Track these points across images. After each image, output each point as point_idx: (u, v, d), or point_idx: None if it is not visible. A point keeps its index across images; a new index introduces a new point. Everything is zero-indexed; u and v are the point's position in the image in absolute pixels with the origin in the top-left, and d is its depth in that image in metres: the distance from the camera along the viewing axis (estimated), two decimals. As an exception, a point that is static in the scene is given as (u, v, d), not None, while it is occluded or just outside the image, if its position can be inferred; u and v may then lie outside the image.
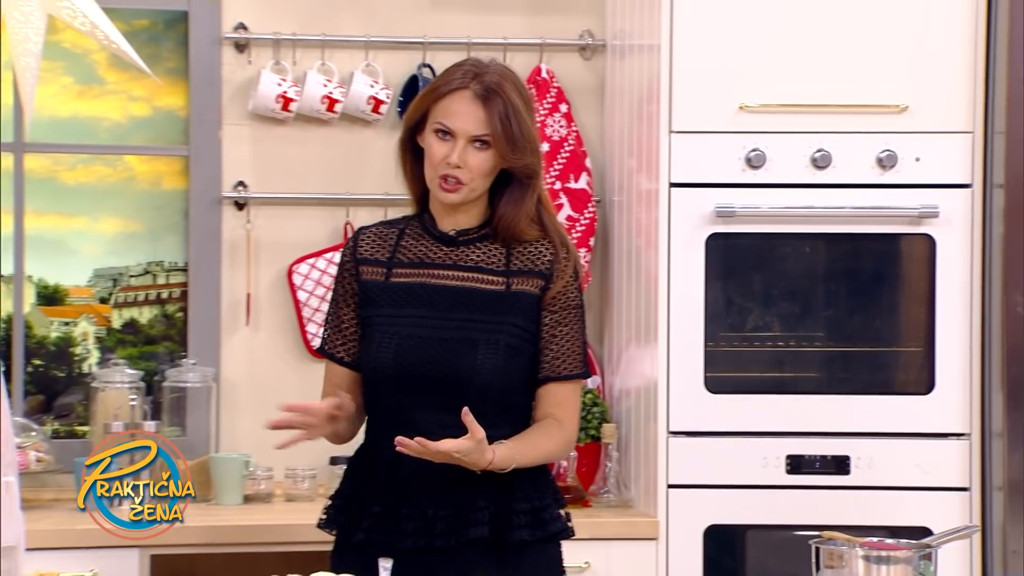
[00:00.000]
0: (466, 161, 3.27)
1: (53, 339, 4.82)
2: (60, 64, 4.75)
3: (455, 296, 3.31)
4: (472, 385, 3.25)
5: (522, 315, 3.30)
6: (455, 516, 3.26)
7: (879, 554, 2.98)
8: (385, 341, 3.30)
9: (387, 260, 3.38)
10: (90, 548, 4.07)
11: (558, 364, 3.32)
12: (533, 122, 3.32)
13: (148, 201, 4.84)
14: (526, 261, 3.32)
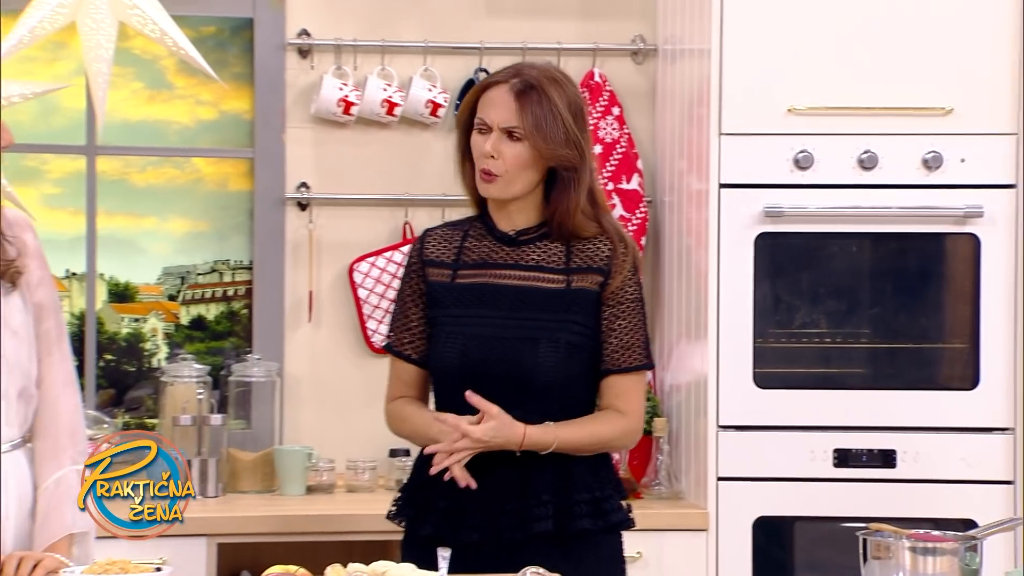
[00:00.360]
0: (500, 152, 3.26)
1: (124, 335, 4.85)
2: (131, 70, 4.77)
3: (517, 295, 3.30)
4: (534, 382, 3.25)
5: (581, 312, 3.28)
6: (520, 510, 3.25)
7: (925, 546, 2.96)
8: (451, 341, 3.31)
9: (452, 262, 3.37)
10: (159, 536, 4.08)
11: (618, 357, 3.30)
12: (577, 119, 3.28)
13: (215, 202, 4.85)
14: (585, 258, 3.30)
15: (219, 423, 4.55)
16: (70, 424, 3.21)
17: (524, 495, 3.26)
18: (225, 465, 4.55)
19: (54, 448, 3.18)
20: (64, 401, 3.21)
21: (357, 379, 4.79)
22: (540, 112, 3.24)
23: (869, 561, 2.99)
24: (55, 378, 3.21)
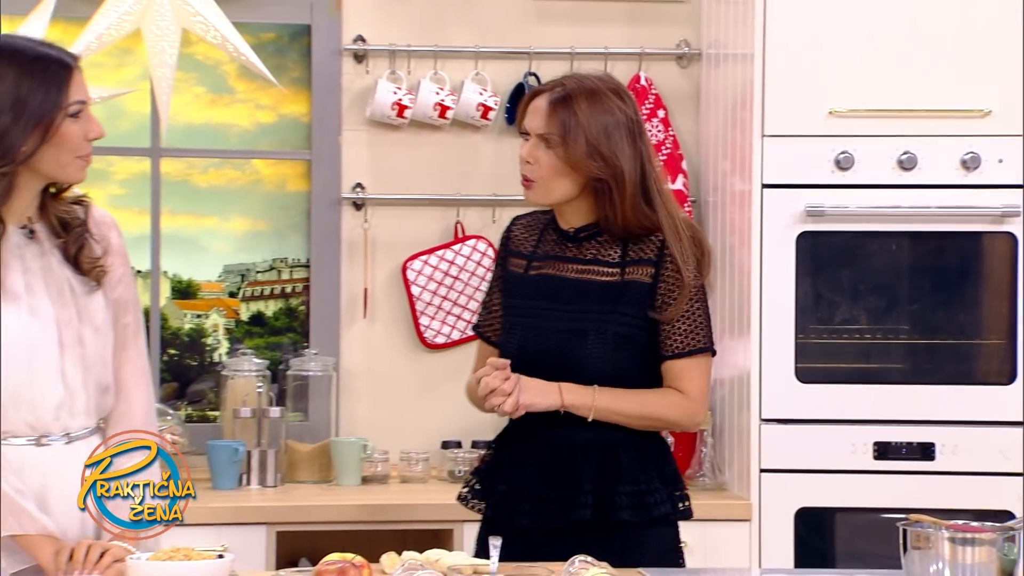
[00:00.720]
0: (536, 158, 3.27)
1: (186, 330, 4.87)
2: (193, 75, 4.79)
3: (574, 288, 3.30)
4: (583, 373, 3.25)
5: (632, 304, 3.27)
6: (564, 498, 3.26)
7: (964, 536, 2.94)
8: (513, 331, 3.33)
9: (529, 253, 3.39)
10: (221, 525, 4.11)
11: (674, 342, 3.28)
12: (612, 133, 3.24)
13: (273, 202, 4.87)
14: (638, 251, 3.28)
15: (277, 415, 4.56)
16: (142, 415, 3.23)
17: (569, 483, 3.26)
18: (283, 456, 4.56)
19: None
20: (138, 394, 3.23)
21: (410, 373, 4.80)
22: (566, 123, 3.23)
23: (909, 551, 2.98)
24: (130, 371, 3.23)
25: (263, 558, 4.13)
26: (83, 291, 3.14)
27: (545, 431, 3.29)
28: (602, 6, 4.84)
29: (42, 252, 3.11)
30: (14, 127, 3.00)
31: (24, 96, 3.01)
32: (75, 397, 3.12)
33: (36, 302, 3.08)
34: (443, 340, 4.79)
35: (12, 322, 3.04)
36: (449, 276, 4.77)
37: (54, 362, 3.08)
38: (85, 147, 3.07)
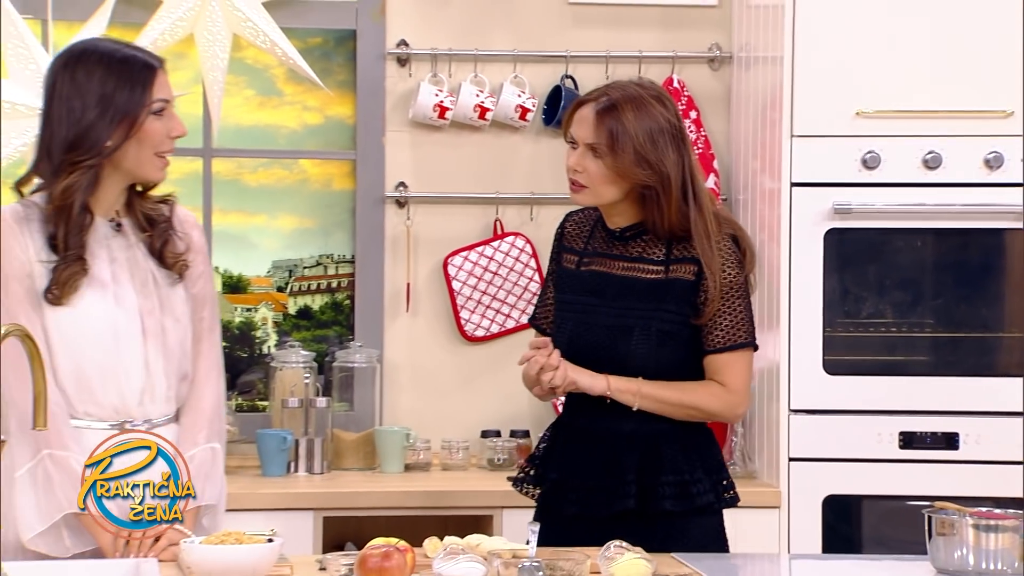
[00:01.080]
0: (585, 167, 3.26)
1: (237, 324, 4.89)
2: (243, 78, 4.81)
3: (619, 285, 3.30)
4: (628, 368, 3.25)
5: (675, 301, 3.27)
6: (609, 488, 3.26)
7: (988, 523, 2.93)
8: (564, 325, 3.33)
9: (581, 250, 3.38)
10: (270, 510, 4.12)
11: (715, 338, 3.28)
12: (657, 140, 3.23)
13: (320, 200, 4.88)
14: (682, 249, 3.28)
15: (324, 405, 4.58)
16: (211, 406, 3.25)
17: (613, 474, 3.26)
18: (329, 444, 4.58)
19: (194, 426, 3.23)
20: (209, 385, 3.26)
21: (451, 365, 4.81)
22: (614, 132, 3.22)
23: (934, 537, 2.97)
24: (203, 364, 3.26)
25: (310, 542, 4.14)
26: (166, 283, 3.18)
27: (593, 422, 3.31)
28: (636, 11, 4.83)
29: (128, 244, 3.16)
30: (100, 122, 3.06)
31: (110, 93, 3.06)
32: (156, 384, 3.16)
33: (121, 291, 3.12)
34: (483, 333, 4.80)
35: (98, 309, 3.09)
36: (488, 271, 4.78)
37: (138, 349, 3.12)
38: (167, 144, 3.13)
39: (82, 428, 3.10)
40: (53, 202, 3.06)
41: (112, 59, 3.10)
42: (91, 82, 3.07)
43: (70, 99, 3.07)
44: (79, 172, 3.05)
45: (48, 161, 3.09)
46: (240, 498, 4.15)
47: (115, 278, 3.12)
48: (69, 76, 3.09)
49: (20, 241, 3.07)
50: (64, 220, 3.06)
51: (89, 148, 3.05)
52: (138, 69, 3.10)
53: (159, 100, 3.10)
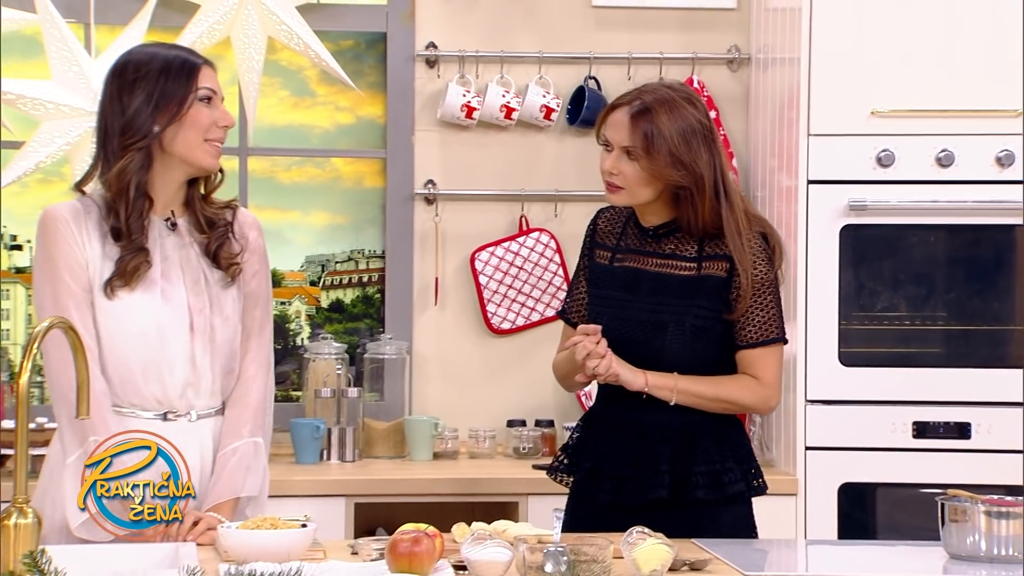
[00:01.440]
0: (620, 169, 3.24)
1: (271, 316, 4.89)
2: (278, 80, 4.81)
3: (653, 281, 3.29)
4: (662, 363, 3.25)
5: (708, 297, 3.25)
6: (641, 477, 3.26)
7: (999, 510, 2.93)
8: (598, 320, 3.30)
9: (613, 246, 3.37)
10: (303, 496, 4.13)
11: (747, 333, 3.27)
12: (691, 141, 3.21)
13: (351, 197, 4.89)
14: (714, 246, 3.27)
15: (355, 396, 4.58)
16: (257, 401, 3.26)
17: (647, 463, 3.26)
18: (361, 433, 4.59)
19: (239, 419, 3.24)
20: (257, 381, 3.27)
21: (478, 357, 4.82)
22: (648, 135, 3.20)
23: (947, 524, 2.97)
24: (252, 360, 3.27)
25: (342, 528, 4.15)
26: (218, 283, 3.19)
27: (626, 413, 3.30)
28: (658, 14, 4.83)
29: (181, 244, 3.18)
30: (146, 107, 3.10)
31: (157, 83, 3.10)
32: (202, 378, 3.17)
33: (171, 289, 3.14)
34: (508, 326, 4.80)
35: (145, 305, 3.11)
36: (514, 266, 4.78)
37: (184, 345, 3.14)
38: (215, 132, 3.14)
39: (128, 417, 3.11)
40: (111, 189, 3.10)
41: (158, 56, 3.15)
42: (140, 77, 3.11)
43: (121, 95, 3.11)
44: (130, 154, 3.09)
45: (104, 156, 3.14)
46: (275, 485, 4.14)
47: (165, 275, 3.13)
48: (119, 77, 3.14)
49: (75, 236, 3.10)
50: (124, 204, 3.09)
51: (136, 131, 3.09)
52: (183, 62, 3.14)
53: (204, 88, 3.13)
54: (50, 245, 3.10)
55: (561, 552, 2.64)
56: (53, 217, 3.12)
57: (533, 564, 2.65)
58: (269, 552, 2.72)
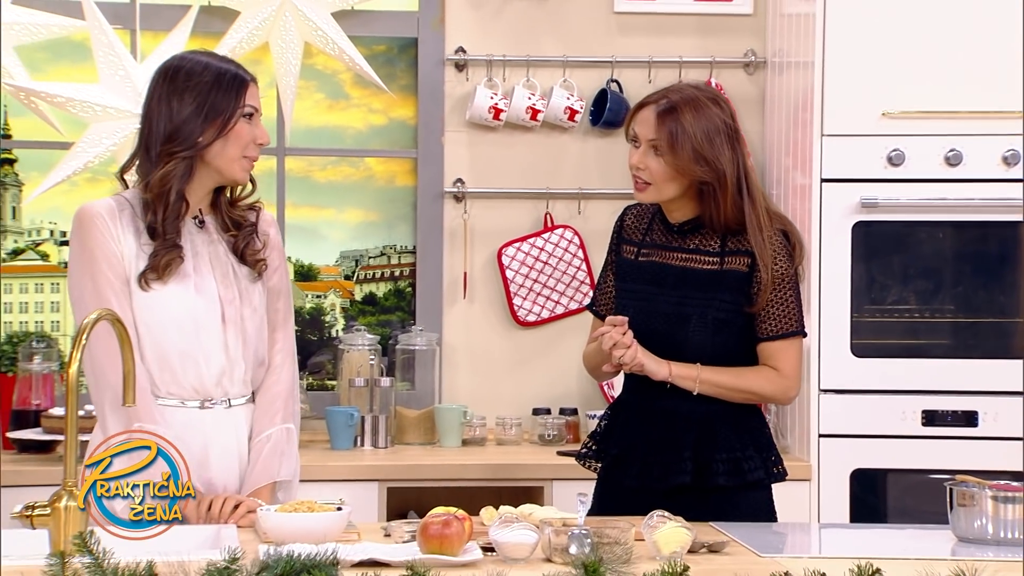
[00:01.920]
0: (647, 164, 3.24)
1: (308, 309, 4.91)
2: (313, 83, 4.82)
3: (677, 275, 3.28)
4: (686, 354, 3.24)
5: (730, 291, 3.25)
6: (666, 463, 3.26)
7: (1006, 495, 2.92)
8: (624, 312, 3.30)
9: (639, 241, 3.37)
10: (338, 481, 4.14)
11: (767, 326, 3.26)
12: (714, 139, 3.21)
13: (384, 195, 4.89)
14: (736, 243, 3.26)
15: (388, 385, 4.59)
16: (287, 389, 3.27)
17: (671, 450, 3.26)
18: (393, 421, 4.59)
19: (271, 407, 3.25)
20: (284, 370, 3.29)
21: (505, 347, 4.82)
22: (673, 132, 3.20)
23: (955, 508, 2.96)
24: (279, 350, 3.28)
25: (375, 511, 4.15)
26: (245, 278, 3.21)
27: (652, 402, 3.30)
28: (677, 19, 4.82)
29: (210, 240, 3.19)
30: (195, 118, 3.10)
31: (208, 95, 3.11)
32: (235, 367, 3.18)
33: (203, 282, 3.15)
34: (534, 318, 4.80)
35: (180, 297, 3.12)
36: (539, 261, 4.78)
37: (217, 335, 3.15)
38: (253, 149, 3.16)
39: (168, 406, 3.12)
40: (151, 190, 3.10)
41: (210, 68, 3.15)
42: (190, 85, 3.11)
43: (170, 99, 3.11)
44: (175, 162, 3.09)
45: (146, 155, 3.13)
46: (311, 470, 4.17)
47: (197, 270, 3.14)
48: (170, 80, 3.13)
49: (112, 232, 3.10)
50: (162, 207, 3.09)
51: (183, 140, 3.09)
52: (233, 77, 3.14)
53: (249, 106, 3.14)
54: (88, 240, 3.11)
55: (585, 535, 2.64)
56: (90, 214, 3.12)
57: (558, 546, 2.65)
58: (306, 534, 2.73)
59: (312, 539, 2.68)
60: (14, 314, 4.73)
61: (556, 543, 2.66)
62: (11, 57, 4.46)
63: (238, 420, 3.20)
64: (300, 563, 2.33)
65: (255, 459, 3.20)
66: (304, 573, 2.31)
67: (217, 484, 3.14)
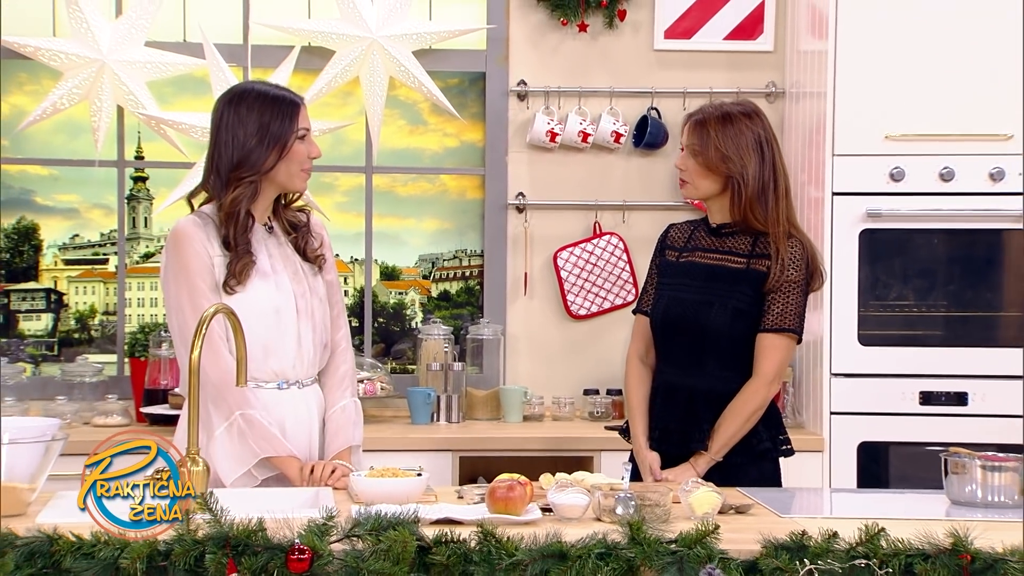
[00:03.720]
0: (685, 165, 3.29)
1: (391, 304, 4.92)
2: (397, 111, 4.83)
3: (708, 271, 3.29)
4: (707, 335, 3.25)
5: (751, 286, 3.25)
6: (685, 431, 3.25)
7: (993, 464, 2.90)
8: (660, 299, 3.34)
9: (682, 247, 3.38)
10: (417, 451, 4.15)
11: (768, 318, 3.25)
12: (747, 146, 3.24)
13: (456, 207, 4.90)
14: (761, 247, 3.27)
15: (459, 369, 4.59)
16: (350, 368, 3.30)
17: (691, 421, 3.26)
18: (464, 400, 4.60)
19: (341, 383, 3.27)
20: (348, 351, 3.32)
21: (560, 337, 4.81)
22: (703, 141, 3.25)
23: (949, 475, 2.94)
24: (342, 336, 3.31)
25: (449, 477, 4.17)
26: (309, 273, 3.22)
27: (679, 380, 3.30)
28: (708, 56, 4.80)
29: (279, 243, 3.20)
30: (259, 147, 3.10)
31: (267, 124, 3.11)
32: (306, 352, 3.20)
33: (280, 279, 3.16)
34: (585, 312, 4.79)
35: (264, 294, 3.13)
36: (589, 263, 4.77)
37: (293, 324, 3.16)
38: (308, 163, 3.17)
39: (254, 390, 3.13)
40: (224, 209, 3.11)
41: (267, 97, 3.14)
42: (251, 115, 3.11)
43: (234, 128, 3.11)
44: (243, 186, 3.10)
45: (217, 178, 3.13)
46: (394, 441, 4.20)
47: (274, 269, 3.16)
48: (233, 110, 3.13)
49: (204, 243, 3.11)
50: (233, 224, 3.10)
51: (250, 168, 3.10)
52: (287, 104, 3.14)
53: (302, 128, 3.14)
54: (183, 254, 3.09)
55: (629, 498, 2.64)
56: (184, 231, 3.11)
57: (607, 507, 2.66)
58: (391, 496, 2.75)
59: (396, 501, 2.70)
60: (145, 308, 4.78)
61: (605, 505, 2.66)
62: (143, 91, 4.50)
63: (308, 399, 3.21)
64: (387, 521, 2.34)
65: (334, 428, 3.21)
66: (390, 529, 2.33)
67: (294, 452, 3.15)
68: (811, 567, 2.35)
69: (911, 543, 2.38)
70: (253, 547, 2.30)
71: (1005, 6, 4.18)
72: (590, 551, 2.33)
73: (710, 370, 3.25)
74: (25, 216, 4.71)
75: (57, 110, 4.49)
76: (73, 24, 4.46)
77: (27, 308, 4.74)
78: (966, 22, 4.20)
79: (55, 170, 4.70)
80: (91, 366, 4.57)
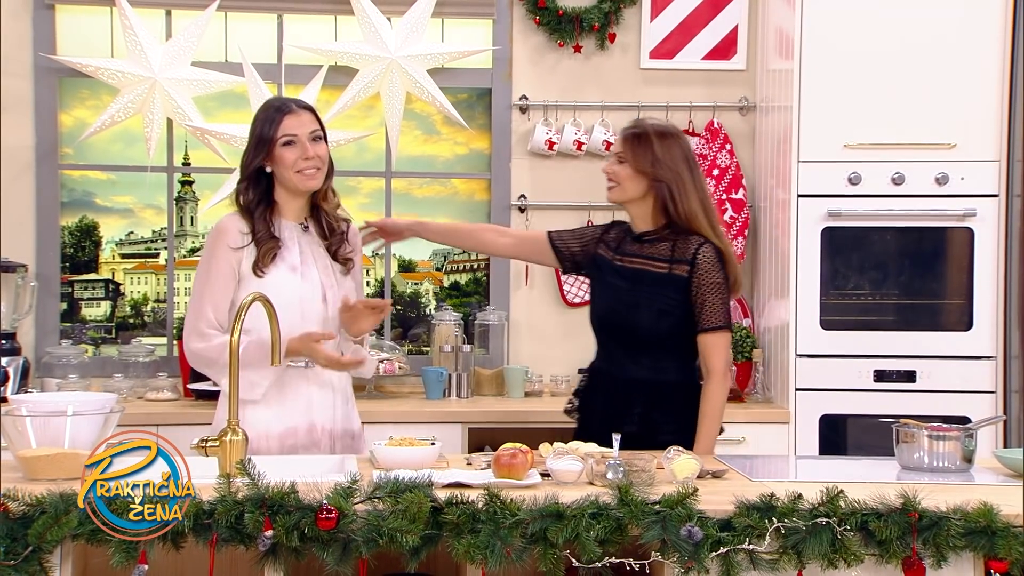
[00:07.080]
0: (616, 170, 3.29)
1: (408, 293, 4.91)
2: (413, 122, 4.83)
3: (635, 275, 3.26)
4: (637, 333, 3.23)
5: (673, 289, 3.21)
6: (608, 412, 3.24)
7: (938, 434, 2.90)
8: (597, 301, 3.34)
9: (615, 248, 3.35)
10: (431, 423, 4.15)
11: (702, 321, 3.20)
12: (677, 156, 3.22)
13: (465, 208, 4.89)
14: (680, 252, 3.23)
15: (468, 350, 4.59)
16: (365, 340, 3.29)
17: (624, 405, 3.23)
18: (472, 378, 4.60)
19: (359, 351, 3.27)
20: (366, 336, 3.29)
21: (557, 322, 4.81)
22: (634, 149, 3.25)
23: (899, 444, 2.94)
24: None
25: (459, 446, 4.16)
26: (338, 272, 3.21)
27: (612, 370, 3.28)
28: (688, 74, 4.79)
29: (312, 241, 3.19)
30: (252, 151, 3.14)
31: (256, 131, 3.12)
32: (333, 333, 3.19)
33: (307, 271, 3.15)
34: (579, 300, 4.79)
35: (288, 283, 3.12)
36: (583, 257, 4.77)
37: (319, 311, 3.15)
38: (301, 164, 3.10)
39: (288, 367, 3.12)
40: (239, 205, 3.13)
41: (265, 108, 3.17)
42: (254, 125, 3.15)
43: (250, 136, 3.13)
44: (245, 184, 3.12)
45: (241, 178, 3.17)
46: (411, 414, 4.19)
47: (303, 262, 3.14)
48: (254, 121, 3.15)
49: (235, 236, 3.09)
50: (249, 216, 3.11)
51: (247, 168, 3.13)
52: (272, 112, 3.13)
53: (286, 135, 3.08)
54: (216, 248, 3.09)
55: (619, 464, 2.64)
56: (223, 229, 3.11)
57: (599, 473, 2.65)
58: (409, 463, 2.75)
59: (413, 467, 2.70)
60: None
61: (597, 471, 2.66)
62: (190, 105, 4.50)
63: (332, 378, 3.19)
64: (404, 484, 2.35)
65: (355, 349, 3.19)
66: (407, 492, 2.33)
67: (317, 425, 3.13)
68: (778, 524, 2.35)
69: (866, 503, 2.39)
70: (286, 507, 2.30)
71: (947, 32, 4.18)
72: (584, 511, 2.34)
73: (643, 363, 3.23)
74: (86, 215, 4.71)
75: (114, 122, 4.50)
76: (129, 47, 4.46)
77: (88, 296, 4.75)
78: (916, 45, 4.20)
79: (113, 175, 4.71)
80: (144, 347, 4.57)
